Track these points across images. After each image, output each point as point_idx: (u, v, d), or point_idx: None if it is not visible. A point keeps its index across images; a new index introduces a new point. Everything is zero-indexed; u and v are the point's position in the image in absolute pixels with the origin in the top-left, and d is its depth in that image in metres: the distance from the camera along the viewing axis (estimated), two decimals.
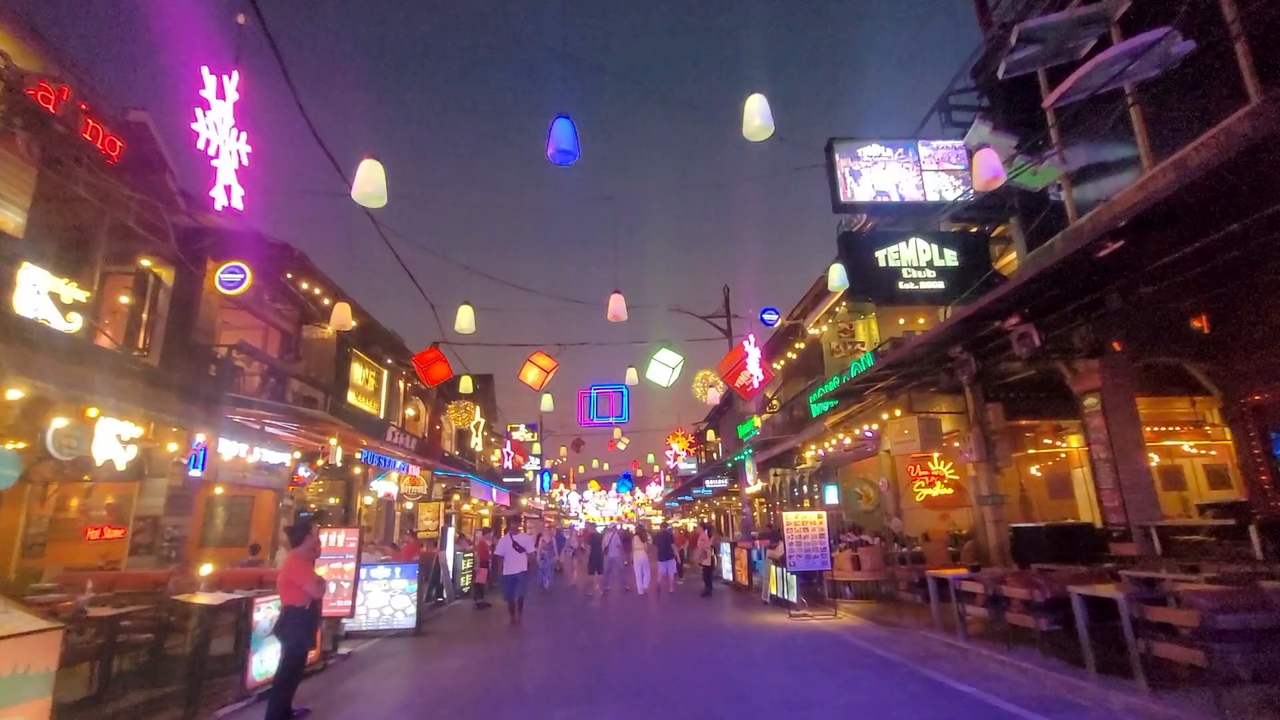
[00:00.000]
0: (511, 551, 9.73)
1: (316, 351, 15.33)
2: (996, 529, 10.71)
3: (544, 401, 9.15)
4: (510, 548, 9.82)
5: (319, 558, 5.84)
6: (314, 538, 5.23)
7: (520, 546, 9.78)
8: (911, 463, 14.88)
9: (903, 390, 10.41)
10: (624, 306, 7.32)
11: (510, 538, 9.97)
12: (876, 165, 9.65)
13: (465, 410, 12.89)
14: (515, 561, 9.71)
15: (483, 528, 19.36)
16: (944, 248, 9.38)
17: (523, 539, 10.04)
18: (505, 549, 9.90)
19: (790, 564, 9.89)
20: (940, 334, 7.09)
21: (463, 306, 7.97)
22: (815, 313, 16.71)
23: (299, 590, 4.87)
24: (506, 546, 9.87)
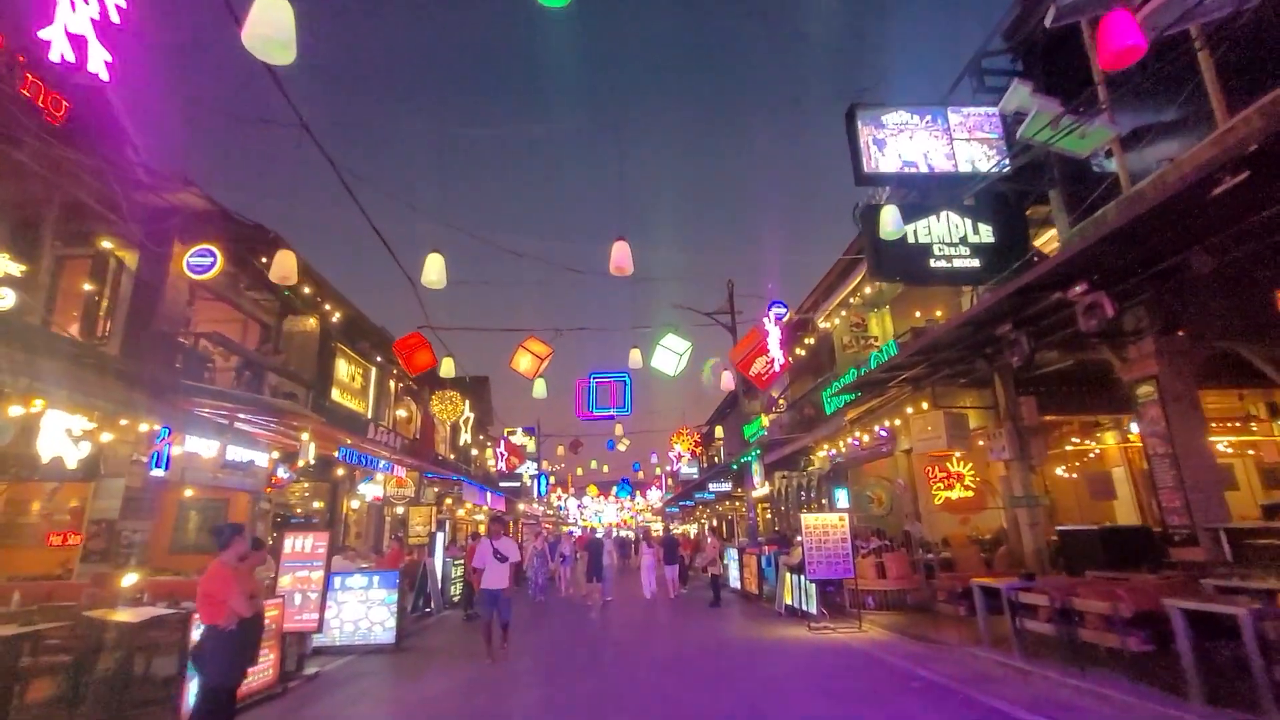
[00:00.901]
0: (492, 562, 7.75)
1: (298, 345, 14.41)
2: (1033, 533, 9.82)
3: (536, 387, 8.17)
4: (490, 557, 7.78)
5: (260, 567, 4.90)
6: (243, 544, 4.28)
7: (503, 555, 7.74)
8: (929, 463, 13.99)
9: (931, 381, 9.54)
10: (629, 257, 6.07)
11: (490, 543, 7.88)
12: (903, 134, 8.82)
13: (450, 402, 11.68)
14: (496, 574, 7.77)
15: (473, 533, 18.40)
16: (978, 222, 8.54)
17: (506, 545, 7.90)
18: (484, 558, 7.83)
19: (810, 571, 8.98)
20: (987, 309, 6.23)
21: (431, 255, 6.76)
22: (826, 305, 15.86)
23: (221, 606, 3.91)
24: (485, 555, 7.82)
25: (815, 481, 19.43)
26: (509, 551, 7.89)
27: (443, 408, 11.13)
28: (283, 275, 6.65)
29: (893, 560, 9.62)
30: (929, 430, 10.75)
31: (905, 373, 9.16)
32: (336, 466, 13.90)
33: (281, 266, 6.84)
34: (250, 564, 4.45)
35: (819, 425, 14.27)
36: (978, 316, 6.49)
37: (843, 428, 11.80)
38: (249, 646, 4.13)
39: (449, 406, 11.07)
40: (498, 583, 7.78)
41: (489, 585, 7.75)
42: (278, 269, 6.73)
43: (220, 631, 3.85)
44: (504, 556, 7.78)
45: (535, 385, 8.06)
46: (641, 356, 7.78)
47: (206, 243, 10.56)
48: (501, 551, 7.80)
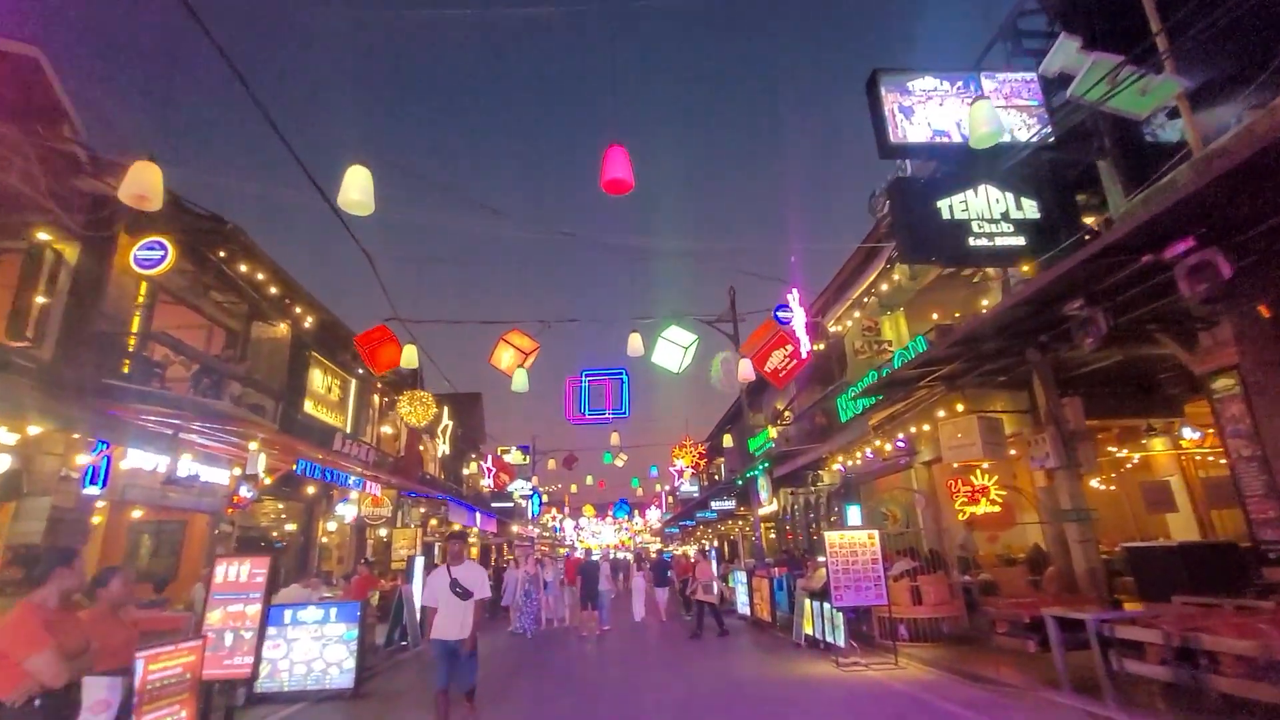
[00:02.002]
0: (447, 599, 5.40)
1: (267, 353, 13.29)
2: (1085, 550, 8.67)
3: (516, 379, 7.03)
4: (442, 592, 5.44)
5: None
6: (71, 577, 3.00)
7: (463, 589, 5.40)
8: (952, 476, 12.89)
9: (967, 379, 8.47)
10: (629, 167, 4.55)
11: (447, 571, 5.54)
12: (931, 101, 7.87)
13: (421, 404, 10.26)
14: (453, 617, 5.40)
15: None
16: (1021, 196, 7.55)
17: (469, 575, 5.58)
18: (435, 593, 5.53)
19: (837, 597, 7.80)
20: (1058, 280, 5.19)
21: (352, 169, 4.63)
22: (837, 308, 14.84)
23: (10, 671, 2.54)
24: (437, 589, 5.51)
25: (825, 498, 18.25)
26: (473, 583, 5.45)
27: (412, 410, 9.84)
28: (137, 193, 4.23)
29: (931, 584, 8.45)
30: (959, 437, 9.65)
31: (939, 369, 8.08)
32: (307, 484, 12.70)
33: (139, 183, 4.28)
34: (108, 606, 3.28)
35: (833, 435, 13.16)
36: (1043, 292, 5.45)
37: (864, 435, 10.68)
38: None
39: (419, 409, 9.77)
40: (453, 630, 5.31)
41: (442, 634, 5.32)
42: (132, 185, 4.17)
43: (5, 711, 2.51)
44: (465, 591, 5.34)
45: (515, 377, 6.94)
46: (642, 344, 6.72)
47: (157, 234, 9.51)
48: (461, 584, 5.34)
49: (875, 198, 10.88)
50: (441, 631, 5.48)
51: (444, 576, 5.58)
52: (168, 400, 7.65)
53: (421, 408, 9.02)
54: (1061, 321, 6.27)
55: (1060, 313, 5.87)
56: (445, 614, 5.47)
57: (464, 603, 5.46)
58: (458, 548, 5.94)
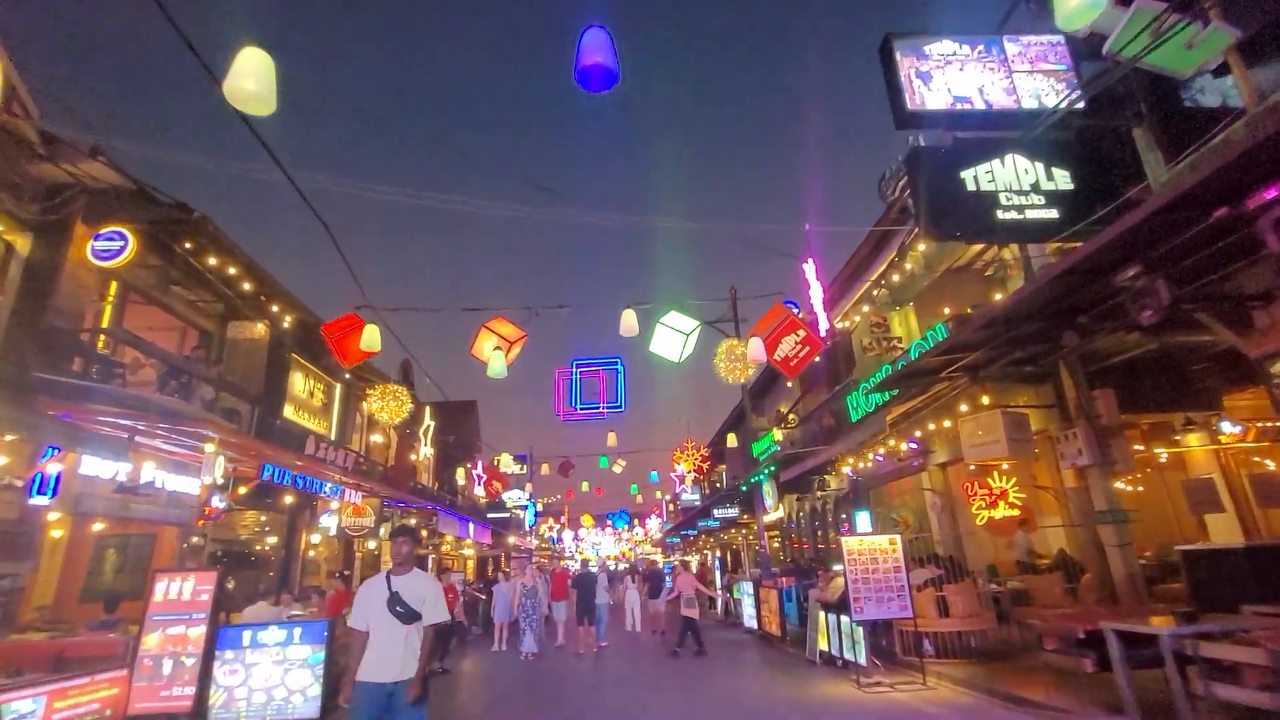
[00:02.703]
0: (382, 619, 3.83)
1: (244, 354, 12.58)
2: (1123, 555, 7.97)
3: (493, 364, 6.24)
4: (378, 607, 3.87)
5: None
6: None
7: (405, 608, 3.83)
8: (969, 478, 12.18)
9: (995, 368, 7.79)
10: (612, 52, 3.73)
11: (385, 582, 4.00)
12: (951, 65, 7.24)
13: (393, 398, 9.29)
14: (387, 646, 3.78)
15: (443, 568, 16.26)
16: (1052, 166, 6.90)
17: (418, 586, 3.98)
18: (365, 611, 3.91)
19: (857, 610, 7.06)
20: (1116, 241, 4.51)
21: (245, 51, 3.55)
22: (844, 302, 14.17)
23: None
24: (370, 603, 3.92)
25: (832, 504, 17.51)
26: (420, 599, 3.87)
27: (383, 406, 8.98)
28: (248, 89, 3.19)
29: (959, 594, 7.70)
30: (981, 434, 8.95)
31: (964, 358, 7.39)
32: (285, 494, 11.95)
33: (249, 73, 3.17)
34: None
35: (842, 436, 12.45)
36: (1095, 257, 4.77)
37: (879, 434, 9.97)
38: None
39: (391, 405, 8.91)
40: (390, 668, 3.67)
41: (373, 675, 3.68)
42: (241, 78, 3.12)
43: None
44: (408, 611, 3.78)
45: (490, 362, 6.22)
46: (638, 323, 6.02)
47: (116, 223, 8.84)
48: (404, 600, 3.80)
49: (886, 181, 10.26)
50: (373, 670, 3.67)
51: (380, 588, 3.91)
52: (110, 396, 6.93)
53: (394, 404, 8.21)
54: (1109, 296, 5.59)
55: (1112, 283, 5.19)
56: (380, 643, 3.74)
57: (406, 627, 3.76)
58: (404, 549, 4.10)
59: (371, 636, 3.81)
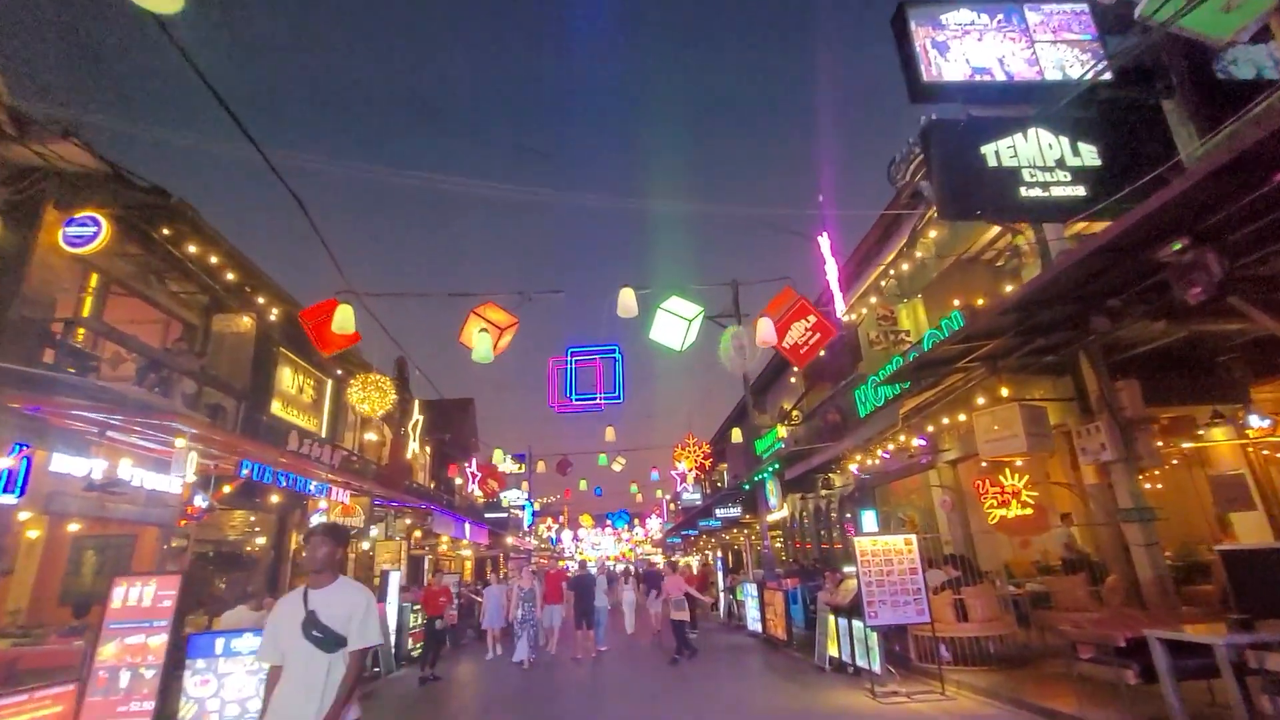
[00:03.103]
0: (298, 646, 2.79)
1: (229, 349, 12.16)
2: (1150, 555, 7.54)
3: (478, 349, 5.72)
4: (290, 631, 2.83)
5: None
6: None
7: (324, 632, 2.79)
8: (980, 476, 11.77)
9: (1014, 358, 7.36)
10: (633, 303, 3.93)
11: (302, 599, 2.90)
12: (969, 35, 6.83)
13: (376, 388, 8.61)
14: (300, 683, 2.75)
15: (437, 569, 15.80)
16: (1078, 141, 6.48)
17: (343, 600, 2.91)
18: (276, 638, 2.88)
19: (871, 615, 6.63)
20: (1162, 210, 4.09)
21: None
22: (850, 296, 13.72)
23: None
24: (281, 622, 2.90)
25: (837, 503, 17.09)
26: (344, 619, 2.87)
27: (365, 396, 8.33)
28: None
29: (978, 597, 7.27)
30: (996, 429, 8.54)
31: (983, 346, 6.97)
32: (272, 493, 11.52)
33: None
34: None
35: (849, 432, 12.03)
36: (1139, 228, 4.34)
37: (890, 428, 9.54)
38: None
39: (373, 394, 8.28)
40: (302, 711, 2.71)
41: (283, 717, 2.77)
42: None
43: None
44: (328, 635, 2.81)
45: (476, 346, 5.76)
46: (636, 303, 5.56)
47: (90, 209, 8.43)
48: (322, 621, 2.82)
49: (895, 165, 9.82)
50: (282, 713, 2.75)
51: (293, 607, 2.89)
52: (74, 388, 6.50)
53: (377, 394, 7.65)
54: (1145, 275, 5.17)
55: (1150, 260, 4.77)
56: (295, 679, 2.76)
57: (328, 657, 2.78)
58: (322, 551, 2.99)
59: (285, 670, 2.80)
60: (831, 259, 8.18)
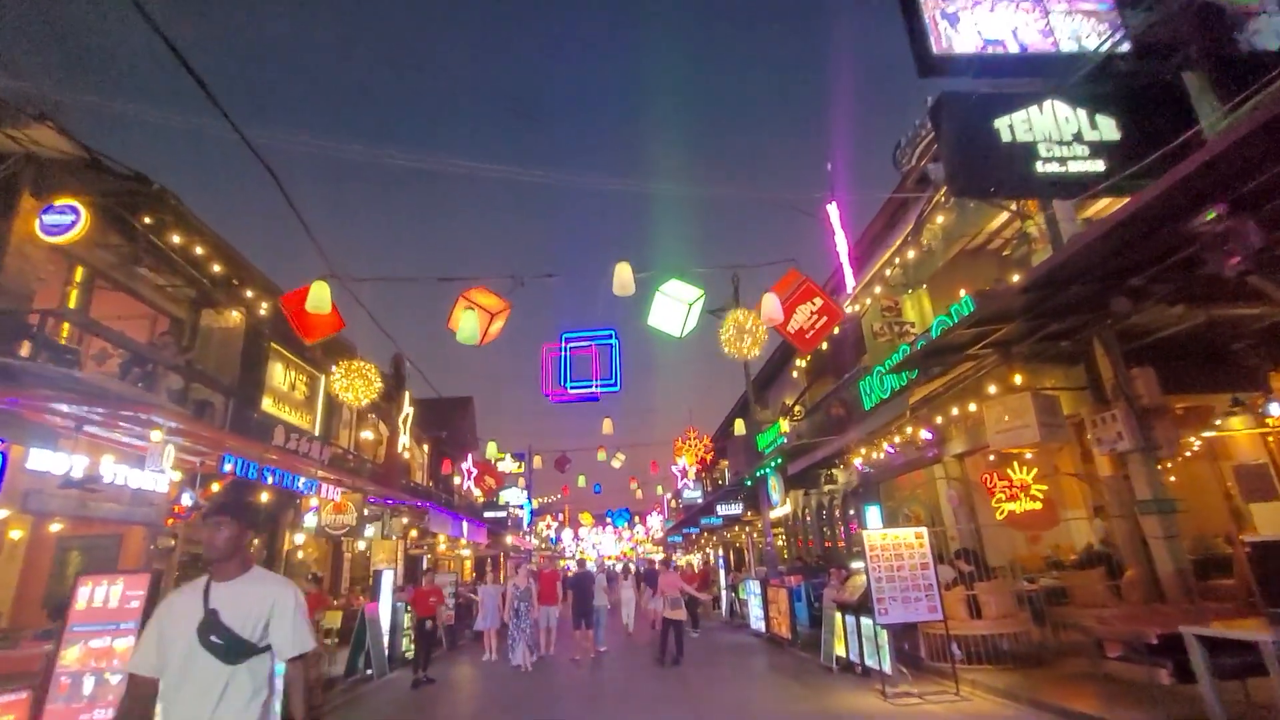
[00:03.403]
0: (191, 657, 2.13)
1: (218, 344, 11.86)
2: (1170, 549, 7.25)
3: (463, 328, 5.36)
4: (182, 637, 2.15)
5: None
6: None
7: (227, 636, 2.14)
8: (988, 470, 11.49)
9: (1028, 344, 7.08)
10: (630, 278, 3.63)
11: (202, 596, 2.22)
12: (980, 5, 6.54)
13: (360, 376, 7.97)
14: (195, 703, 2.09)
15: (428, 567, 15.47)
16: (1095, 114, 6.17)
17: (251, 597, 2.26)
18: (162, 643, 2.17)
19: (882, 613, 6.34)
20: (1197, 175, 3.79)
21: None
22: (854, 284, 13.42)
23: None
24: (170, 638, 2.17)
25: (840, 499, 16.81)
26: (261, 619, 2.24)
27: (348, 384, 7.75)
28: None
29: (992, 593, 6.98)
30: (1008, 420, 8.24)
31: (998, 330, 6.67)
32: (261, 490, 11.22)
33: None
34: None
35: (855, 424, 11.73)
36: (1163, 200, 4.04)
37: (898, 420, 9.25)
38: None
39: (357, 382, 7.72)
40: None
41: None
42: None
43: None
44: (231, 641, 2.16)
45: (461, 326, 5.38)
46: (632, 276, 5.22)
47: (68, 197, 8.12)
48: (224, 623, 2.17)
49: (901, 149, 9.54)
50: None
51: (188, 605, 2.24)
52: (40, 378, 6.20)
53: (361, 382, 7.21)
54: (1174, 250, 4.87)
55: (1179, 232, 4.47)
56: (184, 699, 2.13)
57: (228, 670, 2.15)
58: (223, 535, 2.30)
59: (169, 687, 2.14)
60: (841, 231, 7.83)
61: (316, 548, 16.88)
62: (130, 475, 9.18)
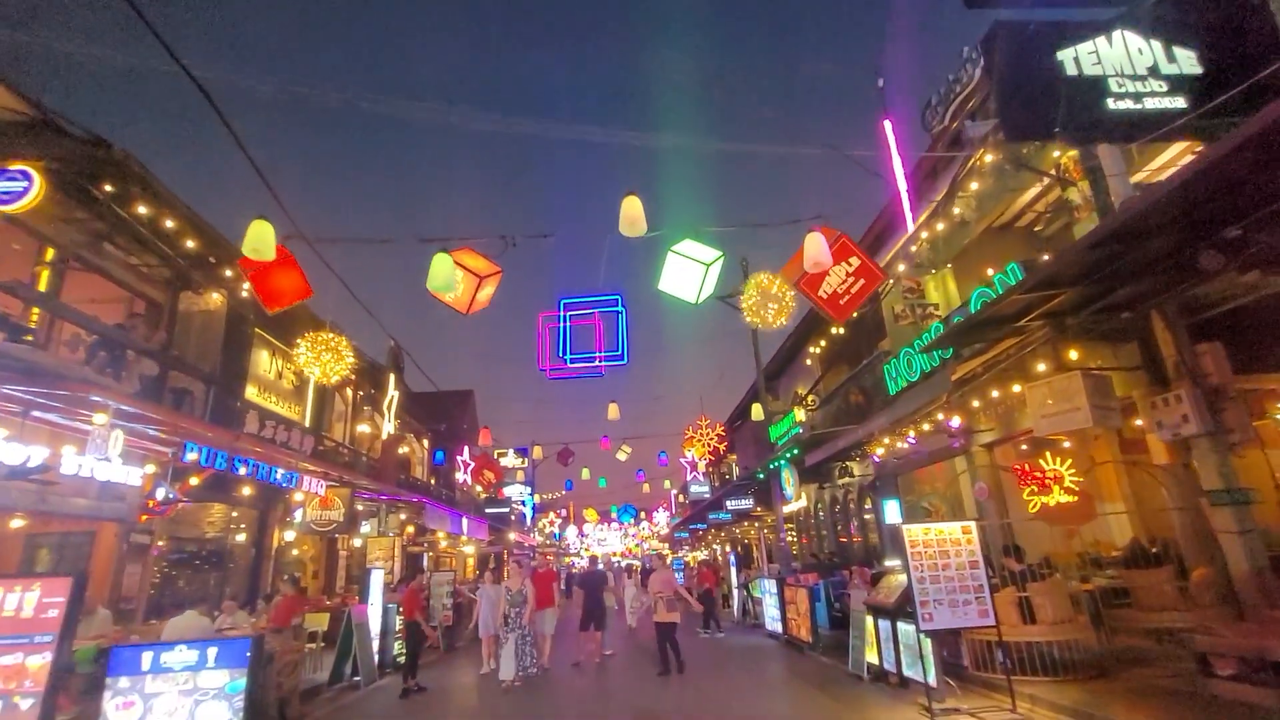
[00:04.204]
0: None
1: (198, 329, 11.16)
2: (1246, 545, 6.47)
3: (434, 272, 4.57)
4: None
5: None
6: None
7: None
8: (1019, 462, 10.69)
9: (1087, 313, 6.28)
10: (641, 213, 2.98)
11: None
12: None
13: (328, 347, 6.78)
14: None
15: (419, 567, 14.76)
16: (1173, 45, 5.37)
17: None
18: None
19: (925, 619, 5.57)
20: None
21: None
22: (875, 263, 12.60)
23: None
24: None
25: (856, 493, 16.03)
26: None
27: (314, 357, 6.61)
28: None
29: (1046, 594, 6.19)
30: (1053, 403, 7.46)
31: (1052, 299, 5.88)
32: (247, 485, 10.52)
33: None
34: None
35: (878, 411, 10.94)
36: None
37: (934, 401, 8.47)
38: None
39: (325, 357, 6.58)
40: None
41: None
42: None
43: None
44: None
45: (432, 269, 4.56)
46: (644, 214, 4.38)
47: (20, 161, 7.40)
48: None
49: (932, 108, 8.72)
50: None
51: None
52: None
53: (330, 356, 6.23)
54: None
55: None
56: None
57: None
58: None
59: None
60: (897, 154, 6.95)
61: (312, 545, 16.21)
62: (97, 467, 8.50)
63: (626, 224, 4.17)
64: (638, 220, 4.19)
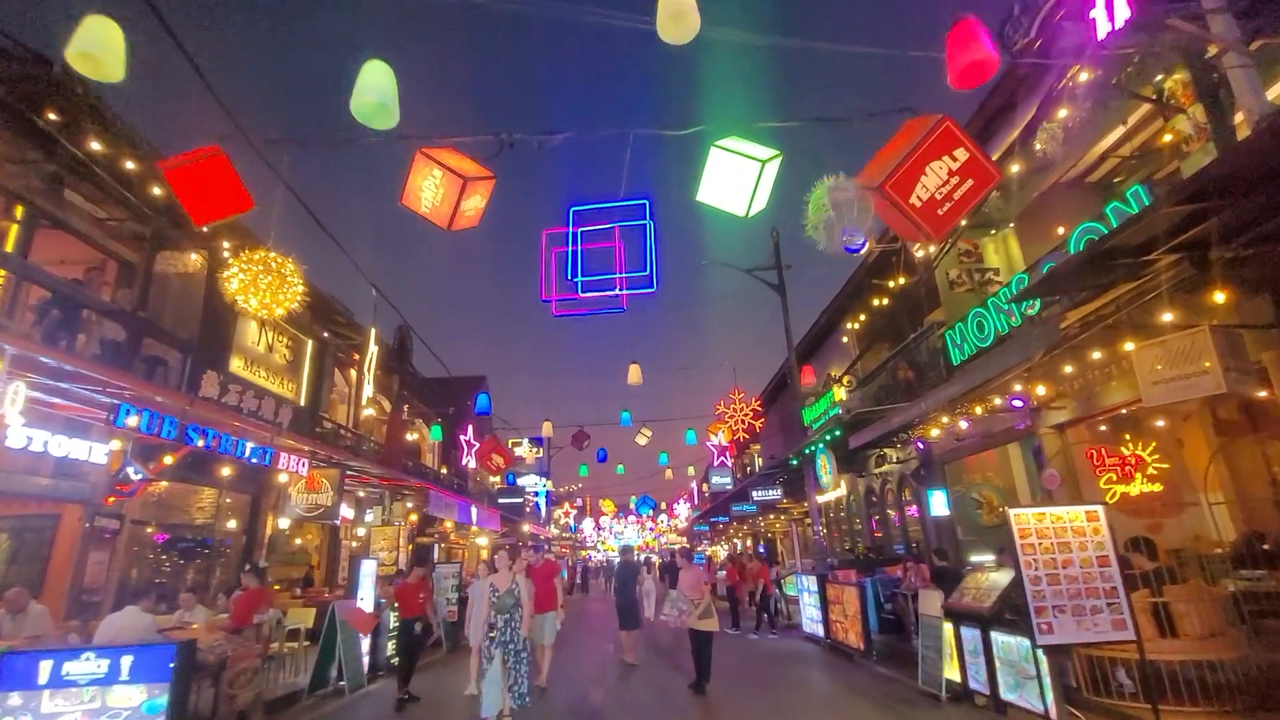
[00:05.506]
0: None
1: (176, 293, 10.15)
2: None
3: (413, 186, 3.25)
4: None
5: None
6: None
7: None
8: (1094, 446, 9.30)
9: (1238, 243, 4.90)
10: None
11: None
12: None
13: (268, 267, 5.30)
14: None
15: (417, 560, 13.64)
16: None
17: None
18: None
19: (1042, 630, 4.27)
20: None
21: None
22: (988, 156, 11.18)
23: None
24: None
25: (896, 483, 14.67)
26: None
27: (248, 282, 5.04)
28: None
29: (1190, 600, 4.84)
30: (1166, 368, 6.07)
31: (1201, 224, 4.51)
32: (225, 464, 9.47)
33: None
34: None
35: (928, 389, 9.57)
36: None
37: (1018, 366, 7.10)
38: None
39: (264, 281, 5.00)
40: None
41: None
42: None
43: None
44: None
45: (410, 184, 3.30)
46: (696, 13, 3.05)
47: None
48: None
49: (1014, 19, 7.34)
50: None
51: None
52: None
53: (273, 281, 4.63)
54: None
55: None
56: None
57: None
58: None
59: None
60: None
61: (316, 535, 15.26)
62: (51, 441, 7.50)
63: (669, 27, 2.85)
64: (688, 19, 2.85)
